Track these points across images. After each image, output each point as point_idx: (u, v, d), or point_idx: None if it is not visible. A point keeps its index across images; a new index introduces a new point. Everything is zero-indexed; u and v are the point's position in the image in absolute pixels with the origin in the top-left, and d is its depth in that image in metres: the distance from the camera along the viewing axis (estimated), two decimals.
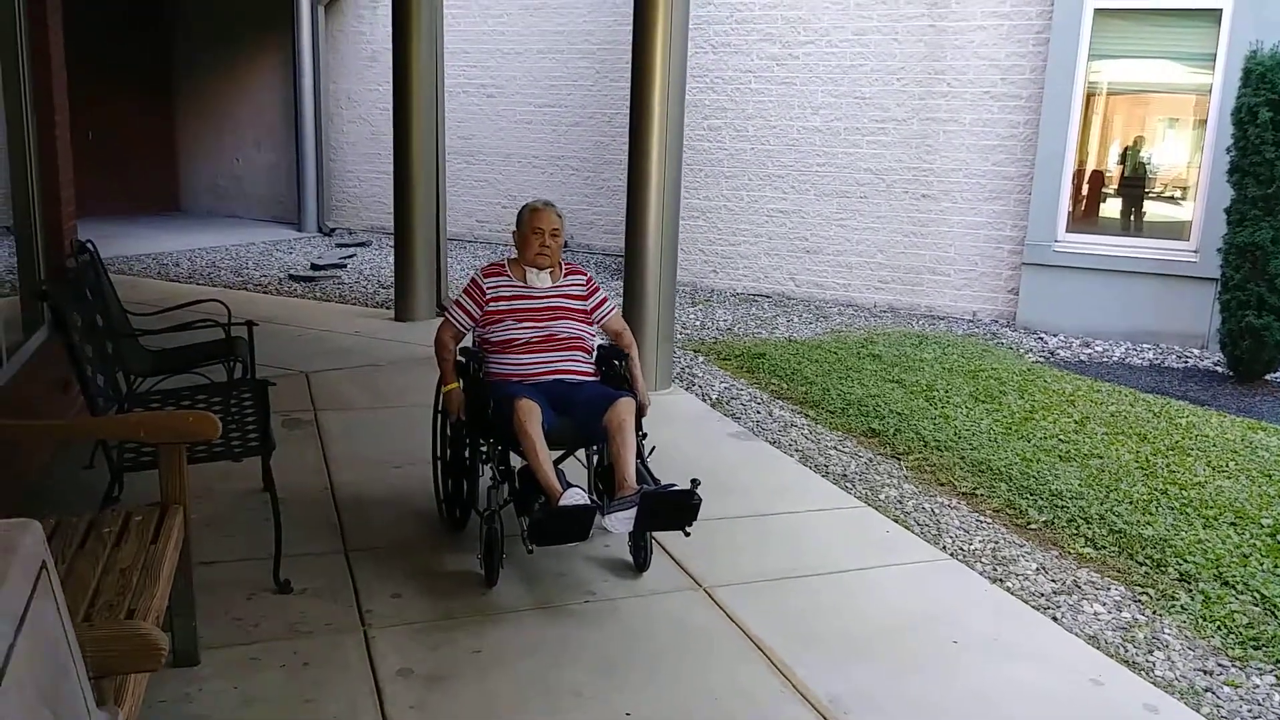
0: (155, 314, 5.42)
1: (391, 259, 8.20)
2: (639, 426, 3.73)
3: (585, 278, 4.17)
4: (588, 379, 3.94)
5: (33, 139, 4.77)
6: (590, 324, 4.08)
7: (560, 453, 3.86)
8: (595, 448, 4.03)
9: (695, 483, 3.49)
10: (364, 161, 13.14)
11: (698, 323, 8.76)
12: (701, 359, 7.40)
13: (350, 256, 11.18)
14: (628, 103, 6.19)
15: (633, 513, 3.38)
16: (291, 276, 9.83)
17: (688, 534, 3.55)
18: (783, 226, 10.07)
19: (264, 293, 9.09)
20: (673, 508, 3.46)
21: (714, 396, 6.41)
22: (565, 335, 3.95)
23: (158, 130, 14.27)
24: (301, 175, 13.05)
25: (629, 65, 6.11)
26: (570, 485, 3.46)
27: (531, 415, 3.50)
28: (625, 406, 3.63)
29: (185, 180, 14.66)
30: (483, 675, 3.09)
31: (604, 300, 4.15)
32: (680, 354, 7.38)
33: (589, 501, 3.43)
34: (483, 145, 12.35)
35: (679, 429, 5.63)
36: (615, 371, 4.04)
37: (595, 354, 4.07)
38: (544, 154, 12.05)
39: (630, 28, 6.07)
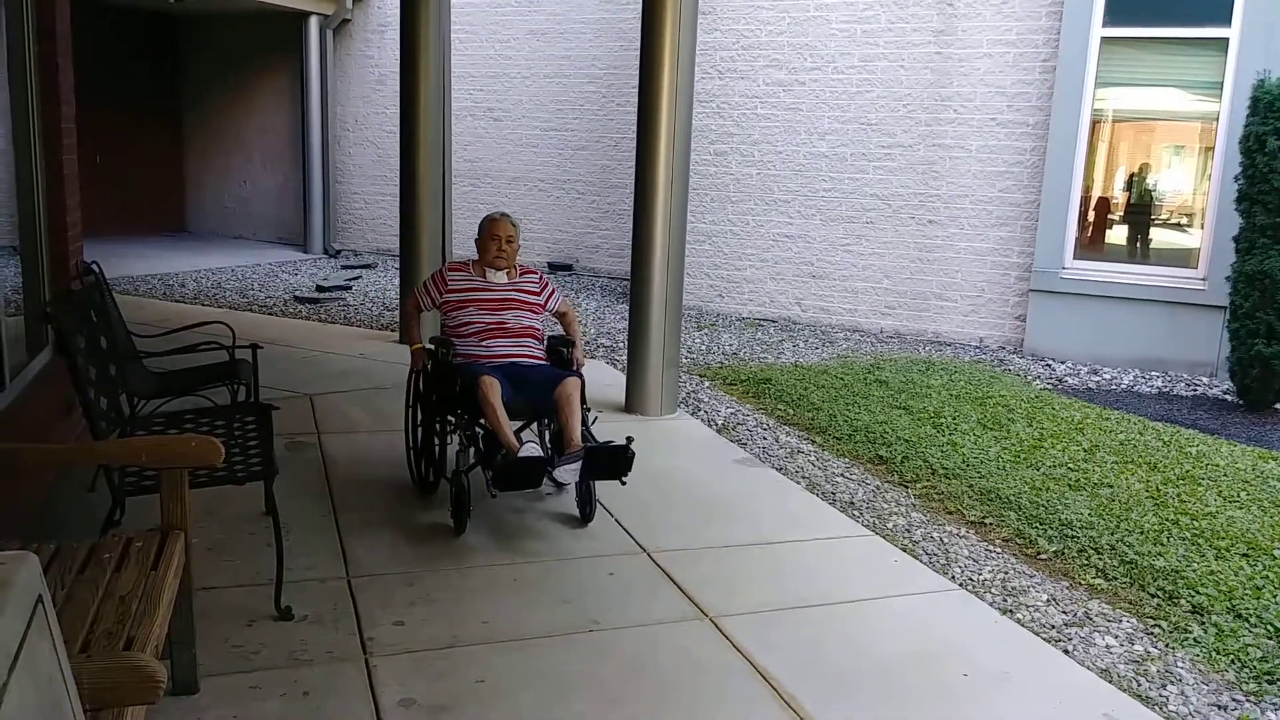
0: (160, 335, 5.40)
1: (397, 281, 8.19)
2: (583, 399, 4.44)
3: (538, 275, 4.97)
4: (540, 363, 4.70)
5: (40, 165, 4.77)
6: (542, 313, 4.86)
7: (518, 425, 4.53)
8: (547, 421, 4.75)
9: (630, 439, 4.21)
10: (370, 184, 13.17)
11: (703, 347, 8.73)
12: (707, 384, 7.37)
13: (356, 278, 11.18)
14: (634, 127, 6.20)
15: (578, 465, 4.10)
16: (296, 298, 9.82)
17: (624, 483, 4.26)
18: (789, 251, 10.06)
19: (269, 314, 9.08)
20: (611, 459, 4.19)
21: (720, 422, 6.37)
22: (518, 324, 4.71)
23: (165, 153, 14.34)
24: (308, 197, 13.08)
25: (635, 90, 6.12)
26: (527, 441, 4.17)
27: (493, 388, 4.24)
28: (572, 383, 4.39)
29: (192, 202, 14.71)
30: (485, 707, 3.04)
31: (553, 291, 4.95)
32: (686, 379, 7.34)
33: (542, 453, 4.13)
34: (489, 168, 12.38)
35: (685, 455, 5.59)
36: (563, 358, 4.78)
37: (546, 343, 4.82)
38: (550, 177, 12.07)
39: (637, 53, 6.08)
